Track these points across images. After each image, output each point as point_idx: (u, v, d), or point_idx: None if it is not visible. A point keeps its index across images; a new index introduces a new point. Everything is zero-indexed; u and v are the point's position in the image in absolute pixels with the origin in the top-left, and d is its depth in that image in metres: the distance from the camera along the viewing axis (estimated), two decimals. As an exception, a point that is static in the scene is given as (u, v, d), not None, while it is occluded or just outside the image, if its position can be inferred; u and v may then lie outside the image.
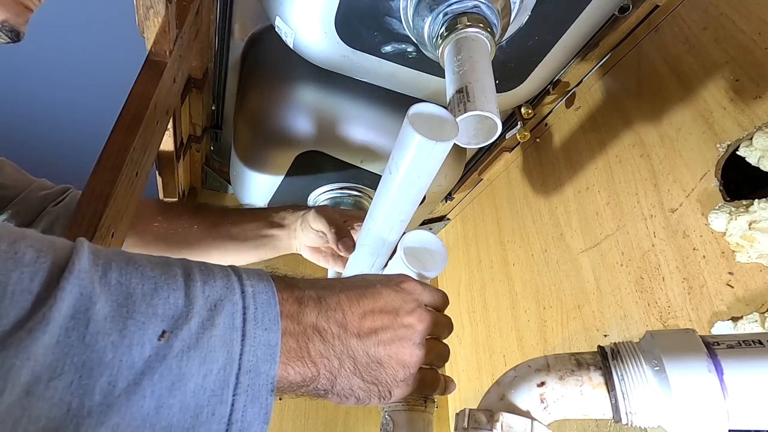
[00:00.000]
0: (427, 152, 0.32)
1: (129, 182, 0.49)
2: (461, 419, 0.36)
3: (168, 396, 0.22)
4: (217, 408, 0.23)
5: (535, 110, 0.89)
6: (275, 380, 0.26)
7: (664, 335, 0.34)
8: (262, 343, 0.25)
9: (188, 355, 0.23)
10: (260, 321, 0.26)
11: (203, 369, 0.23)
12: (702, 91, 0.62)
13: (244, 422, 0.25)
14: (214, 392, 0.23)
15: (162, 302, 0.23)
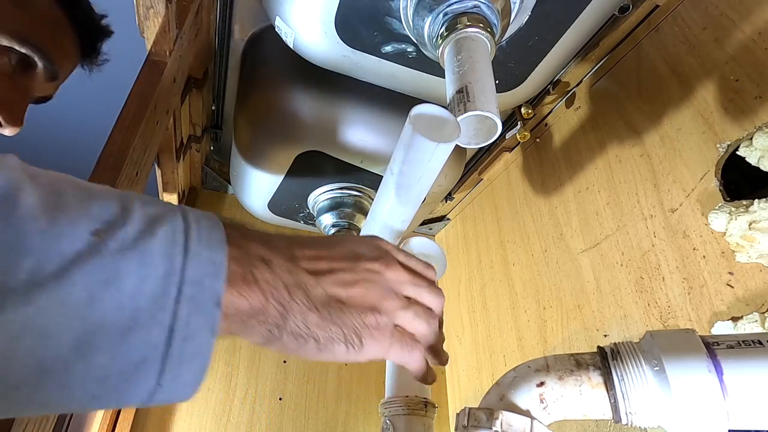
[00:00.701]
0: (429, 153, 0.32)
1: (129, 182, 0.49)
2: (461, 418, 0.36)
3: (102, 291, 0.21)
4: (157, 313, 0.22)
5: (535, 110, 0.89)
6: (221, 295, 0.23)
7: (664, 335, 0.34)
8: (206, 260, 0.24)
9: (124, 255, 0.21)
10: (204, 240, 0.24)
11: (141, 272, 0.22)
12: (702, 91, 0.62)
13: (188, 330, 0.22)
14: (153, 298, 0.22)
15: (96, 206, 0.22)
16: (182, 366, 0.22)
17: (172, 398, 0.23)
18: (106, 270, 0.21)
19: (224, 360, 1.03)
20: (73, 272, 0.20)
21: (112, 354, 0.21)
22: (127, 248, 0.22)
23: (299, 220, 1.08)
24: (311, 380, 1.06)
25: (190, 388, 0.23)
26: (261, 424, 0.98)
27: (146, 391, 0.22)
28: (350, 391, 1.08)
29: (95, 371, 0.21)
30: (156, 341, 0.22)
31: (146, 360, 0.22)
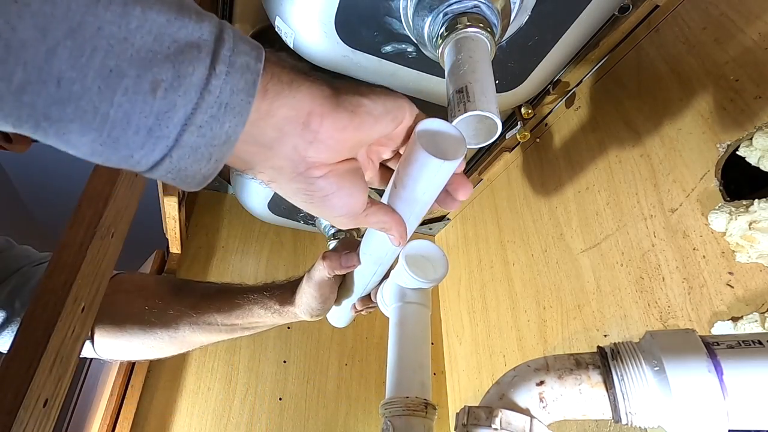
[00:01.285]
0: (434, 170, 0.32)
1: (129, 182, 0.49)
2: (461, 416, 0.36)
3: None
4: (204, 16, 0.22)
5: (535, 110, 0.89)
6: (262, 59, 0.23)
7: (664, 335, 0.34)
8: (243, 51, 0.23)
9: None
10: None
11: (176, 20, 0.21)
12: (702, 91, 0.62)
13: (235, 46, 0.23)
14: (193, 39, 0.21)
15: None
16: (233, 68, 0.22)
17: (222, 108, 0.22)
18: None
19: (224, 360, 1.03)
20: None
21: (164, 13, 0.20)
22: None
23: (299, 220, 1.08)
24: (311, 380, 1.06)
25: (243, 98, 0.23)
26: (261, 424, 0.98)
27: (200, 76, 0.21)
28: (350, 391, 1.08)
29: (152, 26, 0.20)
30: (206, 32, 0.22)
31: (197, 43, 0.21)
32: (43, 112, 0.19)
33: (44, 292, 0.38)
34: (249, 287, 0.59)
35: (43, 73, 0.19)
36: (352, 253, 0.50)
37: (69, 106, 0.20)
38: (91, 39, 0.19)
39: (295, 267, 1.20)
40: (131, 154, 0.22)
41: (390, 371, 0.52)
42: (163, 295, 0.59)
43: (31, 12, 0.18)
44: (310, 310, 0.54)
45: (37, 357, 0.35)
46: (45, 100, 0.19)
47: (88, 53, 0.19)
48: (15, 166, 1.99)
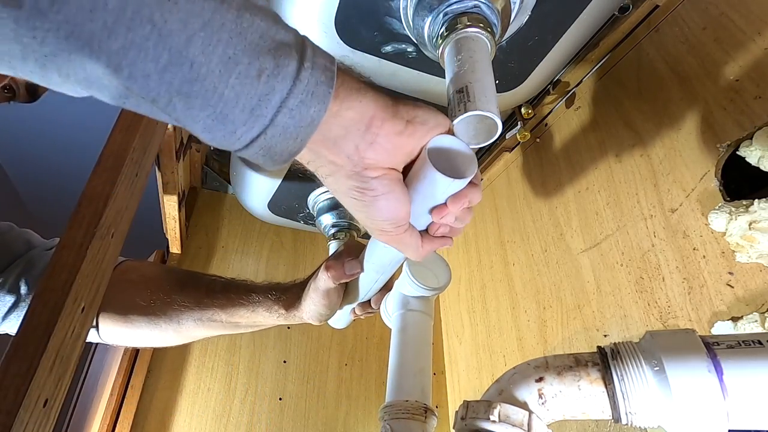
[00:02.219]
0: (443, 188, 0.33)
1: (129, 182, 0.49)
2: (460, 411, 0.36)
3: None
4: (289, 28, 0.27)
5: (535, 110, 0.89)
6: (334, 72, 0.28)
7: (664, 335, 0.34)
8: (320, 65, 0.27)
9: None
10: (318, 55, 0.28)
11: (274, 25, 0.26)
12: (702, 91, 0.62)
13: (314, 51, 0.27)
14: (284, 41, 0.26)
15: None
16: (316, 66, 0.26)
17: (309, 95, 0.26)
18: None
19: (224, 360, 1.03)
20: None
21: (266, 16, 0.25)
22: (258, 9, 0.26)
23: (299, 220, 1.08)
24: (311, 380, 1.07)
25: (325, 89, 0.27)
26: (261, 424, 0.98)
27: (293, 68, 0.26)
28: (350, 391, 1.08)
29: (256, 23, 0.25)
30: (293, 37, 0.26)
31: (289, 44, 0.26)
32: (177, 88, 0.24)
33: (44, 292, 0.38)
34: (254, 286, 0.60)
35: (182, 57, 0.23)
36: (354, 260, 0.50)
37: (196, 85, 0.24)
38: (218, 32, 0.23)
39: (295, 267, 1.20)
40: (235, 129, 0.26)
41: (390, 376, 0.52)
42: (169, 288, 0.60)
43: (178, 8, 0.22)
44: (318, 316, 0.55)
45: (37, 357, 0.35)
46: (180, 78, 0.23)
47: (215, 42, 0.23)
48: (15, 166, 1.99)
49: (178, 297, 0.59)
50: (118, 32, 0.21)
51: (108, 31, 0.21)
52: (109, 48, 0.22)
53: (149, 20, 0.22)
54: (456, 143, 0.34)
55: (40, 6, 0.20)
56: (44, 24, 0.20)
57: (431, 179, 0.32)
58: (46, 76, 0.22)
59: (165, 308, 0.58)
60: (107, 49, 0.22)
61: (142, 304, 0.58)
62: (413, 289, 0.55)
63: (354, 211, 0.34)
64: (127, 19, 0.21)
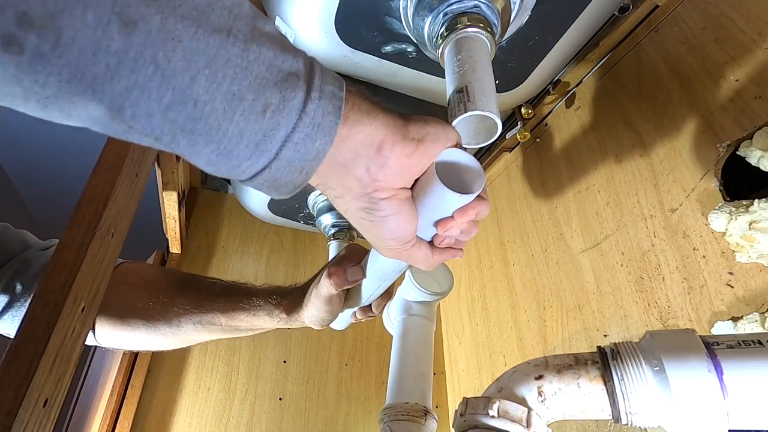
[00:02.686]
0: (451, 203, 0.33)
1: (129, 182, 0.49)
2: (460, 408, 0.36)
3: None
4: (298, 53, 0.27)
5: (535, 110, 0.89)
6: (343, 95, 0.28)
7: (664, 335, 0.34)
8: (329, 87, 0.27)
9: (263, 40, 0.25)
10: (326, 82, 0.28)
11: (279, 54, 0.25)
12: (702, 91, 0.62)
13: (322, 78, 0.27)
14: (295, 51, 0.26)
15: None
16: (324, 95, 0.26)
17: (315, 128, 0.26)
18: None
19: (224, 360, 1.03)
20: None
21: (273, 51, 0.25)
22: (266, 38, 0.26)
23: (299, 220, 1.08)
24: (311, 380, 1.06)
25: (332, 120, 0.27)
26: (261, 424, 0.98)
27: (299, 100, 0.26)
28: (350, 391, 1.08)
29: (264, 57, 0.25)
30: (301, 65, 0.26)
31: (297, 73, 0.26)
32: (181, 126, 0.24)
33: (44, 292, 0.38)
34: (255, 290, 0.59)
35: (186, 96, 0.23)
36: (357, 266, 0.50)
37: (200, 122, 0.24)
38: (223, 68, 0.23)
39: (294, 267, 1.20)
40: (239, 164, 0.26)
41: (391, 379, 0.52)
42: (168, 290, 0.59)
43: (182, 47, 0.22)
44: (320, 321, 0.55)
45: (37, 357, 0.35)
46: (184, 116, 0.23)
47: (219, 80, 0.23)
48: (15, 166, 1.99)
49: (178, 299, 0.58)
50: (121, 74, 0.21)
51: (111, 73, 0.21)
52: (112, 90, 0.21)
53: (152, 61, 0.21)
54: (464, 157, 0.33)
55: (41, 50, 0.19)
56: (46, 68, 0.20)
57: (439, 194, 0.32)
58: (48, 114, 0.22)
59: (164, 311, 0.57)
60: (110, 91, 0.21)
61: (141, 306, 0.57)
62: (416, 295, 0.55)
63: (362, 229, 0.34)
64: (130, 60, 0.21)
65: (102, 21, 0.20)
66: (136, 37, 0.21)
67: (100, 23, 0.20)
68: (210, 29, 0.23)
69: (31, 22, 0.19)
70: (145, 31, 0.21)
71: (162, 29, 0.21)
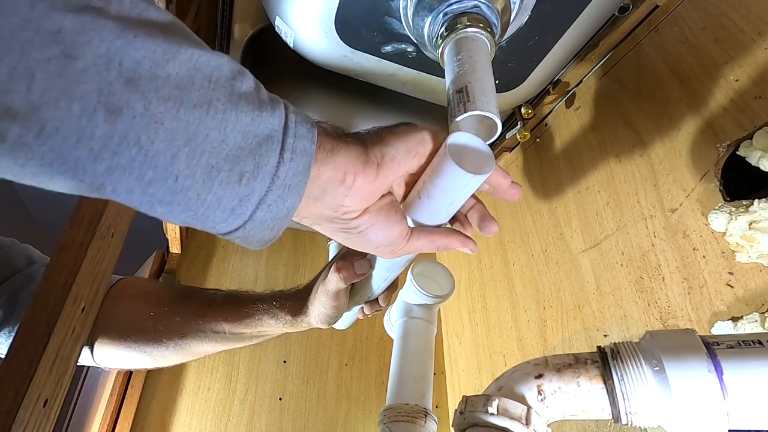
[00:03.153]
0: (463, 183, 0.33)
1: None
2: (459, 406, 0.36)
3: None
4: (276, 108, 0.28)
5: (535, 110, 0.89)
6: (315, 136, 0.29)
7: (664, 335, 0.34)
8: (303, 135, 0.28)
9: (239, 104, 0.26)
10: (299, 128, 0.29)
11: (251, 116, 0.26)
12: (702, 91, 0.62)
13: (296, 130, 0.28)
14: (271, 105, 0.27)
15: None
16: (295, 154, 0.27)
17: (286, 189, 0.27)
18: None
19: (224, 360, 1.03)
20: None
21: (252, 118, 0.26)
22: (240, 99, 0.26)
23: (299, 220, 1.08)
24: (311, 380, 1.06)
25: (301, 178, 0.28)
26: (261, 424, 0.98)
27: (272, 165, 0.26)
28: (350, 391, 1.08)
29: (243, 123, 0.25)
30: (276, 123, 0.27)
31: (271, 135, 0.27)
32: (160, 198, 0.24)
33: (44, 292, 0.38)
34: (257, 296, 0.59)
35: (167, 172, 0.23)
36: (364, 260, 0.50)
37: (179, 195, 0.24)
38: (201, 144, 0.24)
39: (294, 267, 1.20)
40: (214, 226, 0.27)
41: (391, 381, 0.52)
42: (169, 300, 0.58)
43: (164, 128, 0.22)
44: (327, 319, 0.55)
45: (37, 357, 0.35)
46: (164, 191, 0.24)
47: (198, 155, 0.24)
48: (15, 166, 1.99)
49: (180, 309, 0.57)
50: (103, 157, 0.21)
51: (94, 156, 0.21)
52: (93, 171, 0.22)
53: (136, 143, 0.22)
54: (473, 140, 0.34)
55: (23, 140, 0.19)
56: (27, 154, 0.20)
57: (452, 175, 0.32)
58: (24, 181, 0.22)
59: (166, 322, 0.56)
60: (92, 172, 0.22)
61: (142, 318, 0.56)
62: (417, 297, 0.56)
63: (350, 245, 0.35)
64: (114, 144, 0.21)
65: (87, 110, 0.20)
66: (121, 123, 0.21)
67: (85, 113, 0.20)
68: (190, 107, 0.23)
69: (15, 115, 0.19)
70: (130, 116, 0.21)
71: (145, 113, 0.22)
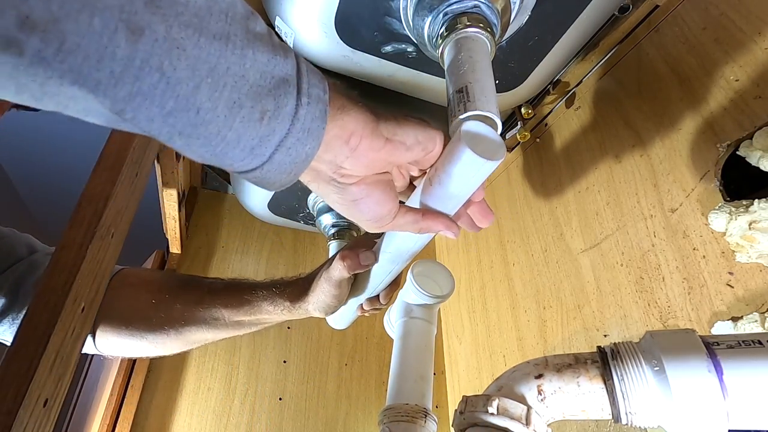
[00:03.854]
0: (475, 169, 0.33)
1: (129, 182, 0.49)
2: (459, 406, 0.36)
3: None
4: (289, 54, 0.27)
5: (535, 110, 0.89)
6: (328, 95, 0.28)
7: (664, 335, 0.34)
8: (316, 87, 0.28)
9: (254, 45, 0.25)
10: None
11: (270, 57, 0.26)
12: (702, 91, 0.62)
13: (309, 80, 0.27)
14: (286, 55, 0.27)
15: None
16: (311, 99, 0.27)
17: (305, 133, 0.27)
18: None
19: (224, 360, 1.03)
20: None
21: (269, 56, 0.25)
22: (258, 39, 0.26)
23: (299, 220, 1.08)
24: (311, 380, 1.06)
25: (319, 123, 0.27)
26: (261, 424, 0.98)
27: (291, 107, 0.26)
28: (350, 391, 1.08)
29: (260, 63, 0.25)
30: (291, 68, 0.26)
31: (287, 78, 0.26)
32: (180, 130, 0.24)
33: (44, 292, 0.38)
34: (257, 283, 0.59)
35: (189, 103, 0.23)
36: (369, 251, 0.50)
37: (200, 128, 0.24)
38: (223, 77, 0.23)
39: (295, 267, 1.20)
40: (232, 164, 0.27)
41: (391, 381, 0.52)
42: (170, 288, 0.59)
43: (186, 55, 0.22)
44: (325, 308, 0.54)
45: (37, 357, 0.35)
46: (184, 123, 0.24)
47: (221, 88, 0.23)
48: (15, 166, 1.99)
49: (180, 296, 0.58)
50: (125, 81, 0.21)
51: (115, 79, 0.21)
52: (114, 95, 0.21)
53: (158, 69, 0.21)
54: (486, 130, 0.35)
55: (43, 55, 0.19)
56: (47, 72, 0.19)
57: (464, 161, 0.33)
58: (40, 104, 0.21)
59: (167, 309, 0.57)
60: (112, 96, 0.21)
61: (143, 306, 0.57)
62: (417, 297, 0.56)
63: (339, 210, 0.36)
64: (135, 68, 0.21)
65: (109, 27, 0.19)
66: (143, 45, 0.20)
67: (106, 29, 0.19)
68: (210, 36, 0.23)
69: (34, 26, 0.18)
70: (152, 39, 0.21)
71: (167, 37, 0.21)
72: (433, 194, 0.36)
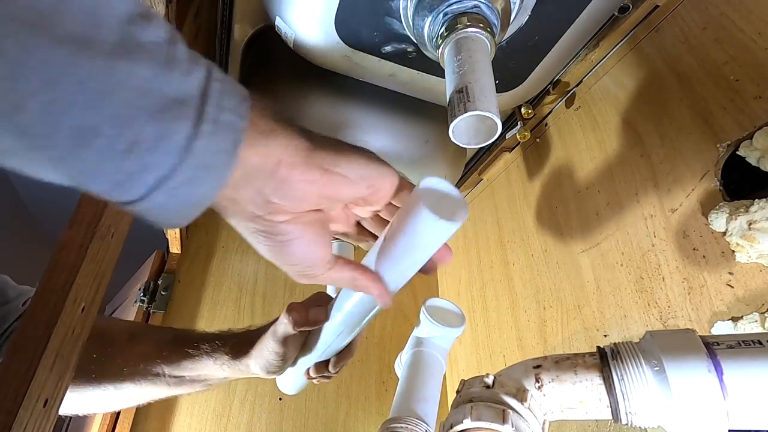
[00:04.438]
0: (433, 231, 0.30)
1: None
2: (458, 387, 0.37)
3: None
4: (194, 68, 0.22)
5: (535, 110, 0.89)
6: (247, 108, 0.23)
7: (664, 335, 0.34)
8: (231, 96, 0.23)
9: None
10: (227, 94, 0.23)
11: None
12: (702, 91, 0.62)
13: (220, 101, 0.22)
14: (189, 61, 0.22)
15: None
16: (218, 127, 0.21)
17: (201, 169, 0.21)
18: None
19: (224, 360, 1.03)
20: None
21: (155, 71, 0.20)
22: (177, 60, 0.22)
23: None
24: (311, 380, 1.06)
25: (224, 158, 0.22)
26: (261, 424, 0.98)
27: (183, 136, 0.20)
28: (350, 391, 1.08)
29: (138, 79, 0.19)
30: (193, 87, 0.21)
31: (184, 99, 0.20)
32: (11, 151, 0.18)
33: (44, 292, 0.38)
34: (205, 335, 0.55)
35: (11, 124, 0.17)
36: (321, 307, 0.45)
37: (35, 152, 0.18)
38: (69, 93, 0.18)
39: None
40: (98, 193, 0.21)
41: (395, 400, 0.53)
42: (117, 341, 0.55)
43: (6, 60, 0.16)
44: (267, 366, 0.49)
45: (37, 357, 0.35)
46: (10, 142, 0.18)
47: (64, 108, 0.18)
48: (15, 166, 1.99)
49: (125, 349, 0.54)
50: None
51: None
52: None
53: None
54: (447, 187, 0.31)
55: None
56: None
57: (421, 222, 0.30)
58: None
59: (107, 364, 0.53)
60: None
61: (86, 361, 0.52)
62: (428, 329, 0.58)
63: (265, 254, 0.30)
64: None
65: None
66: None
67: None
68: (53, 38, 0.17)
69: None
70: None
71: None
72: (389, 254, 0.33)
